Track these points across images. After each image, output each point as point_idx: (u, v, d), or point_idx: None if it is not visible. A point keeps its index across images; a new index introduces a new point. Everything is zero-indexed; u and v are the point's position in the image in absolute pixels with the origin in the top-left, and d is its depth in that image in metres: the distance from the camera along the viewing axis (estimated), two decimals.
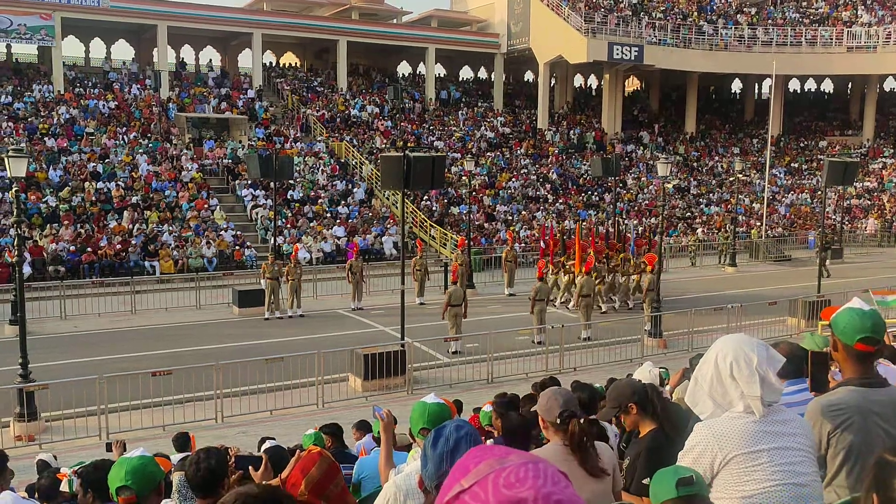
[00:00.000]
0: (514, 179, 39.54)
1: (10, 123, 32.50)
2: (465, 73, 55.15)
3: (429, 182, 17.03)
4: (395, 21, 50.07)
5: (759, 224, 38.99)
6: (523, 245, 31.40)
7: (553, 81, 50.67)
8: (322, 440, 5.37)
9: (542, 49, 45.21)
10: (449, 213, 34.39)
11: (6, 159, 14.38)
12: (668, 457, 3.34)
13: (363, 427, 8.89)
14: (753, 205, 42.53)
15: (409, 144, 36.73)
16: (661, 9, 48.83)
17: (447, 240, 31.22)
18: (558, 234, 25.86)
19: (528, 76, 54.95)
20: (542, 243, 25.09)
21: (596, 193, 40.53)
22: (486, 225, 33.98)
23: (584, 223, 30.66)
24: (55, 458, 8.55)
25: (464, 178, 33.30)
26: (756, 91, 56.88)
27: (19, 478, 8.47)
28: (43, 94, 35.64)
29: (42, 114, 34.04)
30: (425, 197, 34.75)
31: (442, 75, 51.59)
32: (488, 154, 41.53)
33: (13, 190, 14.69)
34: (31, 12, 35.02)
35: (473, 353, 17.02)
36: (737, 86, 58.83)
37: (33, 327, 17.83)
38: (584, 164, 42.42)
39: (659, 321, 19.10)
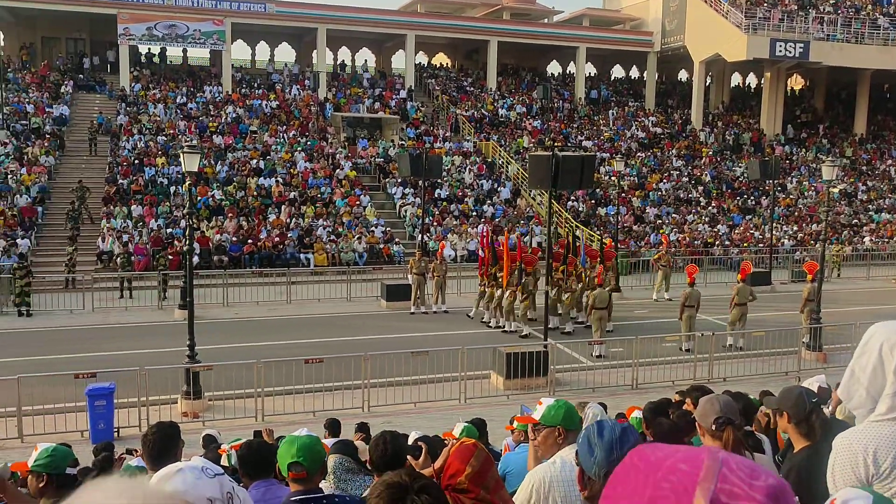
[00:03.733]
0: (664, 181, 38.39)
1: (184, 122, 35.00)
2: (617, 72, 54.13)
3: (577, 182, 16.85)
4: (546, 20, 49.89)
5: None
6: (672, 250, 30.45)
7: (708, 80, 48.77)
8: (474, 432, 5.47)
9: (697, 47, 43.61)
10: (596, 214, 33.88)
11: (182, 155, 15.50)
12: (818, 476, 3.14)
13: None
14: None
15: (556, 144, 36.53)
16: (831, 2, 45.87)
17: (593, 241, 30.74)
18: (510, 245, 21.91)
19: (682, 75, 53.16)
20: (480, 252, 21.92)
21: (752, 197, 38.67)
22: (634, 227, 33.21)
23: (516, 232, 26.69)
24: (219, 434, 9.14)
25: (612, 178, 32.67)
26: None
27: (185, 451, 9.11)
28: (213, 95, 38.12)
29: (212, 113, 36.42)
30: (572, 197, 34.40)
31: (592, 74, 50.85)
32: (638, 154, 40.56)
33: (186, 184, 15.81)
34: (206, 18, 37.55)
35: (618, 358, 16.70)
36: None
37: (199, 312, 19.03)
38: (740, 167, 40.61)
39: (819, 333, 17.99)
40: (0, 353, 16.67)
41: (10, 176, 28.78)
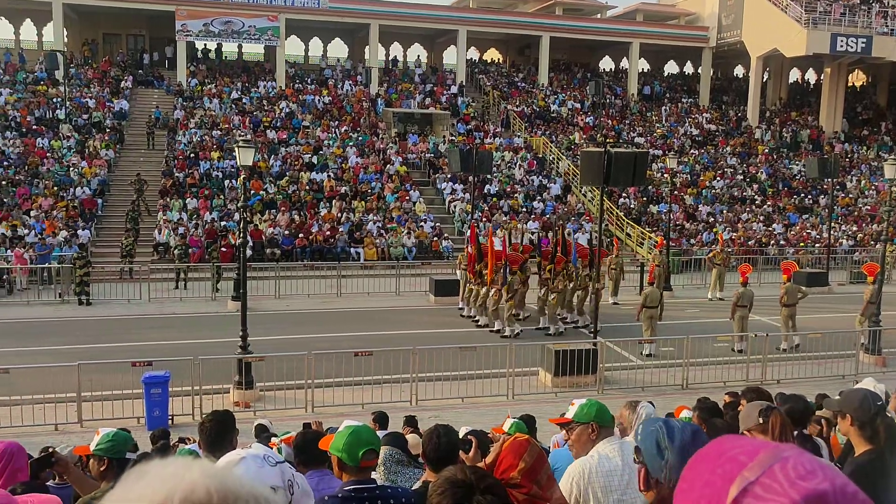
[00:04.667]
0: (718, 179, 37.74)
1: (239, 117, 35.56)
2: (670, 67, 53.31)
3: (629, 179, 16.67)
4: (598, 16, 49.40)
5: None
6: (728, 249, 29.88)
7: (765, 76, 47.72)
8: (524, 429, 5.49)
9: (754, 42, 42.70)
10: (647, 212, 33.46)
11: (237, 149, 15.76)
12: (880, 480, 3.07)
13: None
14: None
15: (608, 140, 36.18)
16: None
17: (644, 239, 30.41)
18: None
19: (738, 71, 52.15)
20: (469, 248, 21.29)
21: (810, 196, 37.77)
22: (686, 225, 32.71)
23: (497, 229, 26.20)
24: (271, 423, 9.29)
25: (665, 175, 32.22)
26: None
27: (238, 440, 9.29)
28: (267, 90, 38.65)
29: (265, 108, 36.94)
30: (623, 194, 34.04)
31: (645, 70, 50.18)
32: (692, 151, 39.93)
33: (241, 177, 16.07)
34: (260, 15, 38.10)
35: (668, 358, 16.49)
36: None
37: (252, 304, 19.32)
38: (798, 165, 39.71)
39: (878, 336, 17.50)
40: (62, 340, 17.22)
41: (72, 169, 29.64)
